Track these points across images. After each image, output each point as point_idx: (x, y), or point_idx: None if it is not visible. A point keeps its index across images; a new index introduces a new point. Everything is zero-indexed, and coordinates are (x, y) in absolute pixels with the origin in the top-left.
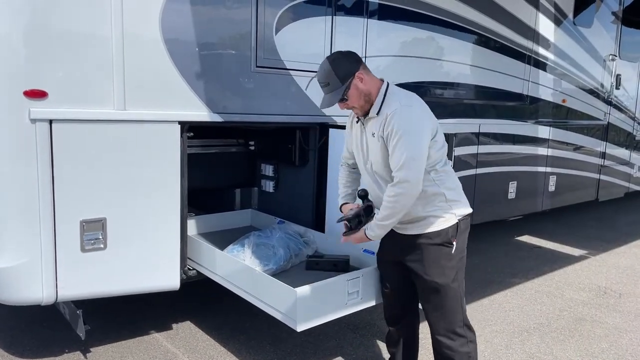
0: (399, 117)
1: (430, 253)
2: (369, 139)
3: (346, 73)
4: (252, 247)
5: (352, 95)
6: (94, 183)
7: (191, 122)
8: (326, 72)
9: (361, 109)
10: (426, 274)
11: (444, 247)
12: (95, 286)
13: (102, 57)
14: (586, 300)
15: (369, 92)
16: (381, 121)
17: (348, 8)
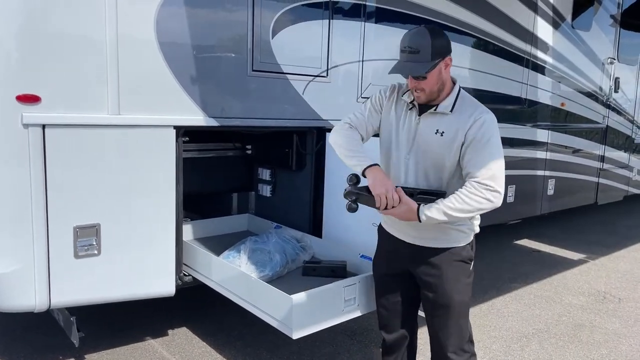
0: (493, 127)
1: (452, 270)
2: (427, 135)
3: (441, 51)
4: (248, 252)
5: (433, 76)
6: (88, 189)
7: (186, 126)
8: (422, 40)
9: (429, 95)
10: (444, 290)
11: (465, 263)
12: (89, 293)
13: (96, 61)
14: (585, 305)
15: (444, 83)
16: (459, 121)
17: (345, 11)
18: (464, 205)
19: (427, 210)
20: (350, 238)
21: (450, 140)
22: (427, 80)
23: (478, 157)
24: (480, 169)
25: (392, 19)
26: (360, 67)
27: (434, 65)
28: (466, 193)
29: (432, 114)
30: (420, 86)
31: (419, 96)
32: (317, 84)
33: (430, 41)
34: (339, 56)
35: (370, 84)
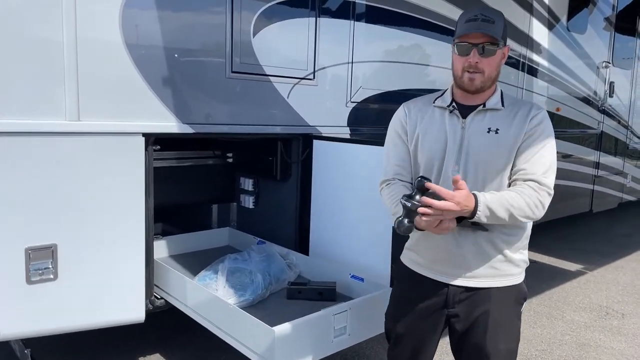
0: (548, 124)
1: (502, 313)
2: (480, 136)
3: (506, 38)
4: (227, 273)
5: (496, 58)
6: (43, 205)
7: (157, 133)
8: (497, 15)
9: (485, 80)
10: (490, 338)
11: (518, 304)
12: (45, 322)
13: (52, 63)
14: (588, 322)
15: (497, 75)
16: (515, 116)
17: (333, 10)
18: (522, 203)
19: (489, 198)
20: (339, 255)
21: (508, 138)
22: (492, 60)
23: (533, 154)
24: (534, 165)
25: (383, 19)
26: (349, 69)
27: (500, 45)
28: (522, 190)
29: (481, 113)
30: (481, 66)
31: (474, 79)
32: (303, 87)
33: (504, 20)
34: (327, 58)
35: (360, 87)
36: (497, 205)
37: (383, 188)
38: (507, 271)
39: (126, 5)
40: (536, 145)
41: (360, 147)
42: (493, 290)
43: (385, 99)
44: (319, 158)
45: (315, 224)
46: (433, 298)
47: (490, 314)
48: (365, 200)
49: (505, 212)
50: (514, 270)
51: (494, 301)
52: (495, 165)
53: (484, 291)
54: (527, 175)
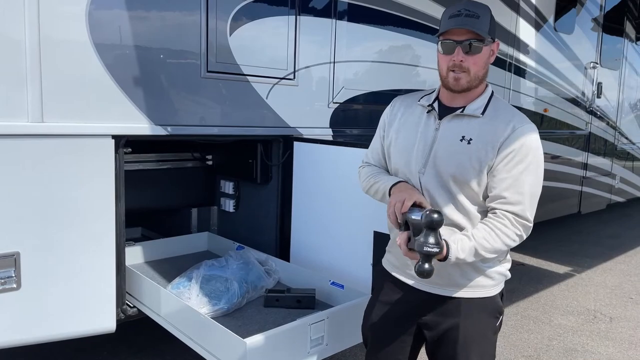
0: (535, 142)
1: (475, 325)
2: (451, 142)
3: (494, 31)
4: (201, 281)
5: (483, 56)
6: (4, 210)
7: (128, 135)
8: (483, 9)
9: (472, 80)
10: (462, 350)
11: (493, 318)
12: (7, 334)
13: (12, 62)
14: (576, 326)
15: (485, 74)
16: (495, 130)
17: (314, 8)
18: (497, 243)
19: (460, 249)
20: (320, 261)
21: (479, 151)
22: (478, 57)
23: (514, 178)
24: (515, 193)
25: (366, 18)
26: (331, 69)
27: (487, 42)
28: (500, 227)
29: (458, 117)
30: (467, 64)
31: (459, 78)
32: (283, 87)
33: (490, 14)
34: (308, 57)
35: (343, 88)
36: (468, 255)
37: (359, 169)
38: (479, 282)
39: (93, 3)
40: (517, 168)
41: (342, 149)
42: (463, 301)
43: (369, 99)
44: (300, 160)
45: (296, 229)
46: (405, 303)
47: (460, 325)
48: (348, 204)
49: (476, 256)
50: (486, 283)
51: (463, 313)
52: (465, 179)
53: (454, 301)
54: (507, 206)
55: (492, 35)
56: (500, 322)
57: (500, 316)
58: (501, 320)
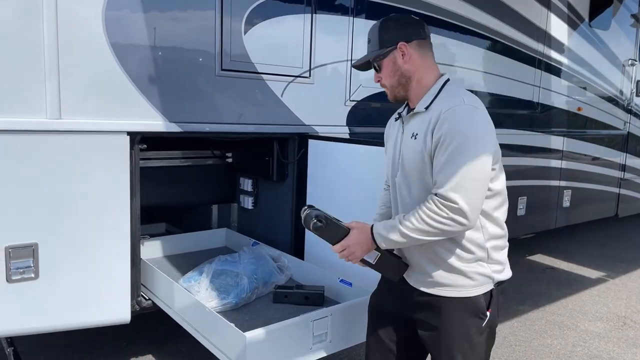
0: (461, 118)
1: (458, 324)
2: (406, 142)
3: (391, 38)
4: (212, 275)
5: (386, 67)
6: (23, 203)
7: (143, 132)
8: (373, 27)
9: (391, 91)
10: (446, 349)
11: (477, 318)
12: (26, 321)
13: (32, 61)
14: (603, 332)
15: (409, 75)
16: (430, 119)
17: (331, 5)
18: (423, 226)
19: (383, 229)
20: (333, 259)
21: (421, 144)
22: (382, 71)
23: (441, 161)
24: (443, 176)
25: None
26: (348, 67)
27: (383, 54)
28: (424, 210)
29: (412, 117)
30: (382, 81)
31: (387, 93)
32: (298, 85)
33: (379, 29)
34: (324, 55)
35: (360, 86)
36: (390, 233)
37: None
38: (457, 282)
39: (109, 3)
40: (447, 151)
41: (356, 147)
42: (442, 300)
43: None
44: (315, 158)
45: None
46: (399, 298)
47: (441, 324)
48: (361, 202)
49: (402, 236)
50: (465, 283)
51: (444, 312)
52: (417, 174)
53: (436, 299)
54: (435, 188)
55: (387, 44)
56: (488, 324)
57: (484, 317)
58: (489, 323)
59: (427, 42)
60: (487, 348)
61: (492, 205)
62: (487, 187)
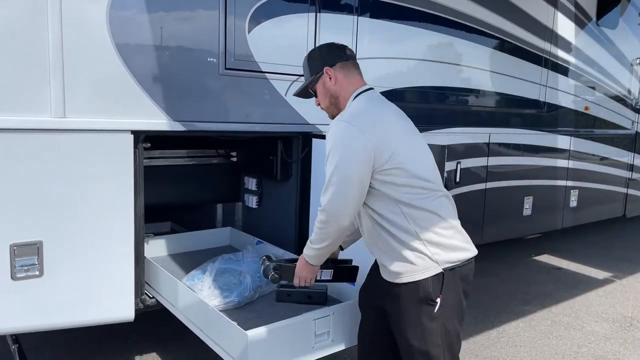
0: (330, 133)
1: (407, 309)
2: None
3: (317, 65)
4: (215, 274)
5: (319, 91)
6: (28, 202)
7: (147, 131)
8: (304, 59)
9: (327, 111)
10: (401, 334)
11: (426, 304)
12: (30, 319)
13: (36, 59)
14: (609, 333)
15: (336, 95)
16: None
17: (335, 5)
18: (314, 235)
19: (305, 249)
20: None
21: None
22: (318, 96)
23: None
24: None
25: (389, 14)
26: None
27: (314, 80)
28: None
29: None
30: (320, 105)
31: (328, 115)
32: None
33: (306, 60)
34: None
35: None
36: (308, 250)
37: None
38: (402, 269)
39: (114, 2)
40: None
41: None
42: (396, 287)
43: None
44: (319, 157)
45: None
46: (376, 290)
47: (396, 310)
48: None
49: (313, 250)
50: (409, 268)
51: (397, 297)
52: None
53: (393, 286)
54: None
55: (316, 71)
56: (442, 311)
57: (434, 304)
58: (442, 310)
59: (351, 63)
60: (443, 335)
61: (406, 196)
62: (354, 189)
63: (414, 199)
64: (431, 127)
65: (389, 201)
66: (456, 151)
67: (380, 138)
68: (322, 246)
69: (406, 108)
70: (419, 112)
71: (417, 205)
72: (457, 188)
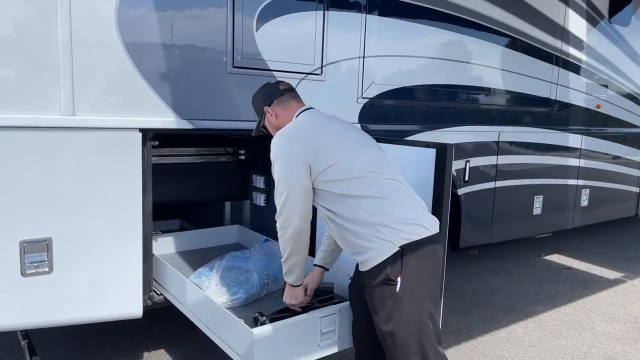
0: (272, 147)
1: (375, 293)
2: None
3: (259, 107)
4: (222, 271)
5: (268, 127)
6: (38, 198)
7: (155, 129)
8: (252, 104)
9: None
10: (375, 320)
11: (387, 285)
12: (40, 314)
13: (46, 58)
14: (619, 334)
15: (280, 127)
16: None
17: (343, 3)
18: (280, 249)
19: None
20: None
21: None
22: (270, 131)
23: None
24: None
25: (397, 11)
26: (361, 64)
27: (260, 120)
28: None
29: None
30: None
31: None
32: (310, 82)
33: (252, 104)
34: (336, 52)
35: (372, 83)
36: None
37: None
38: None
39: (122, 2)
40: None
41: None
42: (365, 274)
43: (399, 95)
44: None
45: (321, 225)
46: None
47: (367, 298)
48: None
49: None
50: (370, 254)
51: (366, 284)
52: None
53: (363, 274)
54: None
55: (260, 112)
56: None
57: (394, 282)
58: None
59: (286, 96)
60: (410, 315)
61: (349, 189)
62: (298, 192)
63: (357, 189)
64: (440, 126)
65: (336, 198)
66: (465, 150)
67: (313, 144)
68: (287, 258)
69: (415, 106)
70: (428, 111)
71: (361, 194)
72: (466, 187)
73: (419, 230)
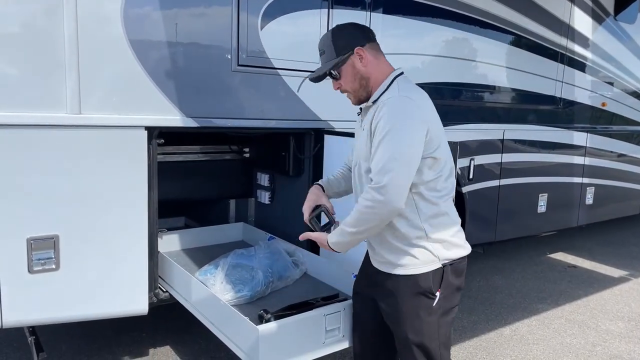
0: (392, 107)
1: (408, 303)
2: (359, 134)
3: (346, 45)
4: (227, 269)
5: (346, 73)
6: (45, 196)
7: (160, 127)
8: (325, 39)
9: (355, 95)
10: (399, 326)
11: (425, 297)
12: (47, 311)
13: (52, 56)
14: (624, 332)
15: (367, 76)
16: (374, 111)
17: (348, 1)
18: (355, 218)
19: (331, 235)
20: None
21: (367, 134)
22: (343, 78)
23: (375, 147)
24: (374, 162)
25: (402, 9)
26: None
27: (341, 61)
28: (359, 202)
29: (365, 110)
30: (342, 87)
31: (350, 98)
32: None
33: (331, 38)
34: None
35: None
36: (339, 235)
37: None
38: (401, 261)
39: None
40: (377, 140)
41: None
42: (394, 278)
43: None
44: (330, 153)
45: None
46: (369, 280)
47: (394, 302)
48: None
49: (349, 235)
50: (409, 261)
51: (395, 289)
52: (365, 165)
53: (388, 277)
54: (370, 174)
55: (343, 51)
56: (440, 305)
57: (434, 297)
58: (440, 303)
59: (377, 44)
60: (440, 329)
61: (426, 189)
62: (413, 169)
63: (430, 190)
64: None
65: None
66: (470, 147)
67: (432, 121)
68: (361, 230)
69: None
70: None
71: (430, 199)
72: (471, 185)
73: (460, 253)
